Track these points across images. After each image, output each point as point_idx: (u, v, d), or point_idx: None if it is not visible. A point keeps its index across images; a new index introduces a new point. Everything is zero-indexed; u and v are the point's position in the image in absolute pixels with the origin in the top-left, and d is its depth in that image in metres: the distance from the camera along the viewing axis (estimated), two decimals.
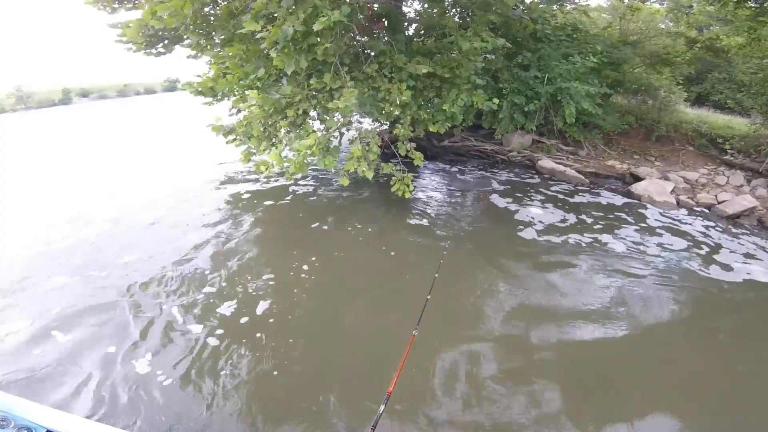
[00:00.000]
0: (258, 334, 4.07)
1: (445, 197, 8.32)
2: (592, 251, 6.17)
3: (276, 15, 5.16)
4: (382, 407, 2.06)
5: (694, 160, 9.99)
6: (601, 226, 7.08)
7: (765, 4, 7.11)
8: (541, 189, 8.68)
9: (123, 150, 12.09)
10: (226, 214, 7.26)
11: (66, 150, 12.57)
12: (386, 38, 6.33)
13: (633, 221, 7.34)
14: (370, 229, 6.74)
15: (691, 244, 6.58)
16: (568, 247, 6.30)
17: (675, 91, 10.33)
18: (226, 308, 4.48)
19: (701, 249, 6.43)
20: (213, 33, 5.71)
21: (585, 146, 9.92)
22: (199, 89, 7.16)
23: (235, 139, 7.49)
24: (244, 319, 4.30)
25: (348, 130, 6.26)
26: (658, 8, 9.64)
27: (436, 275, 3.93)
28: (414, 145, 6.34)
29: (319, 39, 5.11)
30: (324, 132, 5.72)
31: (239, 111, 8.20)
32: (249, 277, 5.16)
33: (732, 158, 9.47)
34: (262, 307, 4.52)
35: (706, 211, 8.14)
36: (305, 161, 5.79)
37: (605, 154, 10.18)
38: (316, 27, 4.49)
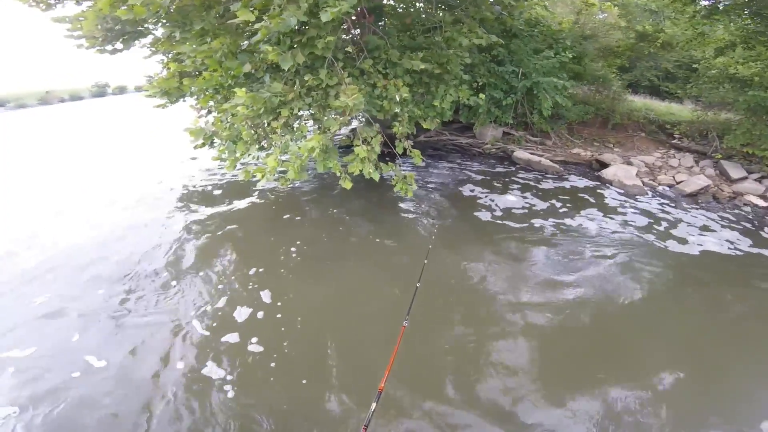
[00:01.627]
0: (245, 337, 3.94)
1: (427, 190, 8.25)
2: (572, 232, 6.55)
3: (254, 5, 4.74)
4: (374, 405, 2.00)
5: (646, 145, 10.81)
6: (579, 209, 7.48)
7: (717, 5, 7.89)
8: (519, 178, 8.93)
9: (62, 162, 10.60)
10: (199, 218, 6.73)
11: None
12: (378, 33, 6.07)
13: (609, 204, 7.80)
14: (347, 216, 6.69)
15: (655, 221, 7.20)
16: (551, 229, 6.62)
17: (615, 81, 11.15)
18: (231, 309, 4.33)
19: (666, 225, 7.06)
20: (189, 24, 5.08)
21: (552, 136, 10.37)
22: (165, 90, 6.43)
23: (213, 144, 6.89)
24: (241, 319, 4.19)
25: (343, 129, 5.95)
26: (608, 4, 10.35)
27: (425, 261, 3.97)
28: (411, 142, 6.17)
29: (318, 32, 4.77)
30: (325, 133, 5.34)
31: (209, 112, 7.52)
32: (238, 276, 5.00)
33: (679, 142, 10.37)
34: (249, 310, 4.36)
35: (667, 190, 8.85)
36: (305, 164, 5.40)
37: (570, 143, 10.71)
38: (325, 18, 4.13)
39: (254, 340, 3.89)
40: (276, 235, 6.11)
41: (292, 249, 5.65)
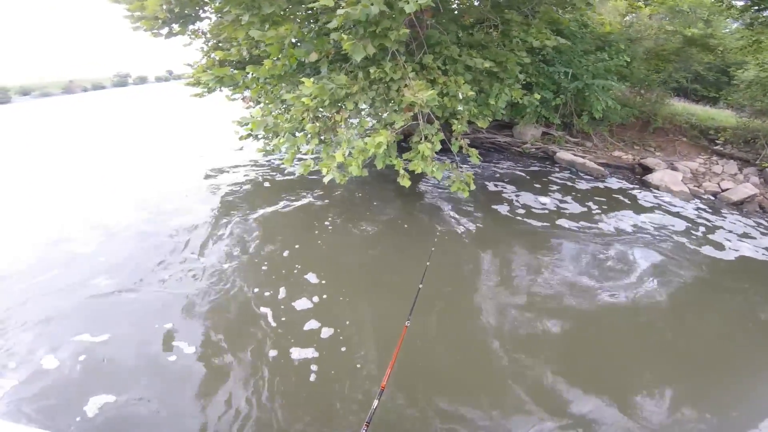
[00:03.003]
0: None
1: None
2: (605, 235, 6.44)
3: None
4: (376, 402, 2.00)
5: (688, 150, 10.58)
6: (619, 211, 7.40)
7: None
8: (559, 179, 8.83)
9: (93, 150, 10.63)
10: (233, 203, 7.02)
11: (36, 151, 10.85)
12: (437, 28, 5.93)
13: (654, 208, 7.70)
14: (374, 202, 6.98)
15: (695, 226, 7.11)
16: (592, 232, 6.49)
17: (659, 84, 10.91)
18: (275, 288, 4.54)
19: (709, 231, 6.98)
20: (258, 8, 4.95)
21: (593, 138, 10.18)
22: (220, 77, 6.33)
23: (257, 136, 6.83)
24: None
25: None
26: (639, 4, 10.11)
27: (428, 263, 3.95)
28: (468, 141, 6.04)
29: (392, 23, 4.64)
30: (387, 128, 5.22)
31: (258, 103, 7.40)
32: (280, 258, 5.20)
33: (722, 148, 10.14)
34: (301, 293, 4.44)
35: (713, 198, 8.65)
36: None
37: (610, 145, 10.51)
38: (409, 9, 4.00)
39: (325, 326, 3.98)
40: (305, 218, 6.46)
41: (325, 226, 6.14)
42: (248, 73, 6.18)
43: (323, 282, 4.70)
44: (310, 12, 5.33)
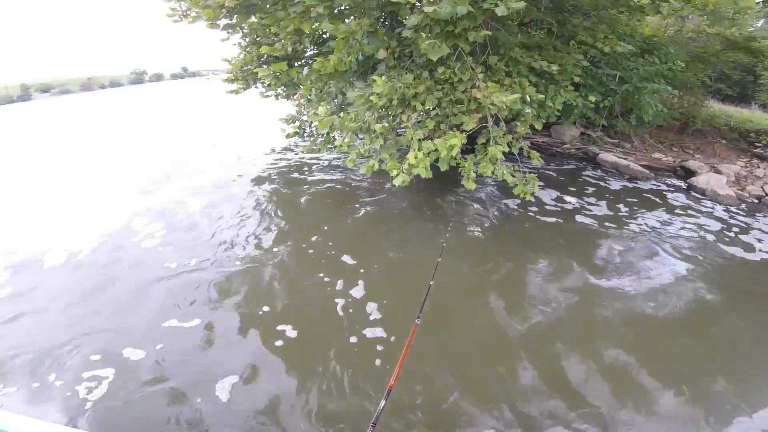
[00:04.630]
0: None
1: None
2: (649, 237, 6.32)
3: None
4: (383, 402, 1.95)
5: (727, 153, 10.44)
6: (653, 211, 7.33)
7: None
8: (600, 180, 8.75)
9: (132, 144, 10.78)
10: (276, 195, 7.49)
11: (61, 145, 10.95)
12: (501, 29, 5.82)
13: (706, 215, 7.54)
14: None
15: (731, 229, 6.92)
16: (632, 233, 6.40)
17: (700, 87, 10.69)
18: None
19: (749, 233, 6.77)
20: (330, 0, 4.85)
21: (634, 140, 10.06)
22: (276, 74, 6.24)
23: (304, 135, 6.75)
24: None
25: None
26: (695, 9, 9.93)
27: (439, 260, 3.90)
28: (529, 143, 5.95)
29: (471, 23, 4.55)
30: (453, 130, 5.13)
31: (309, 100, 7.30)
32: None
33: (762, 151, 9.99)
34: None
35: (756, 202, 8.51)
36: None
37: (649, 147, 10.39)
38: (500, 12, 3.90)
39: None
40: (338, 205, 6.86)
41: (356, 212, 6.59)
42: (303, 68, 6.11)
43: (355, 261, 5.09)
44: (379, 7, 5.23)
